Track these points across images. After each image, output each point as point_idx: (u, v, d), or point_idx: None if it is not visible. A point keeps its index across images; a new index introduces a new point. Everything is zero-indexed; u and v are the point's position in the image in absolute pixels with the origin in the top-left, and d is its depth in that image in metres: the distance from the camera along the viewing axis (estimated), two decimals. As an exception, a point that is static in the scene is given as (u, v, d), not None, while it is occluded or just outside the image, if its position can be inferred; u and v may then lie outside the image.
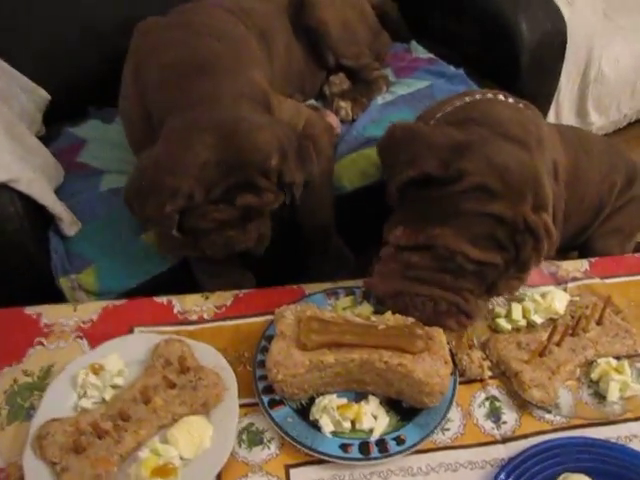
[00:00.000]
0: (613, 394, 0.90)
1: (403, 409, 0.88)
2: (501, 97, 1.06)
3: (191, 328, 1.01)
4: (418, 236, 0.89)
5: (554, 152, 1.02)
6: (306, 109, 1.42)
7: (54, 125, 1.57)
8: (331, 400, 0.87)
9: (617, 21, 2.31)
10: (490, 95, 1.06)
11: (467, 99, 1.06)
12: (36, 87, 1.50)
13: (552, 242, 0.89)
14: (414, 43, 1.87)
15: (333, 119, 1.53)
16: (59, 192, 1.30)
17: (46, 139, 1.47)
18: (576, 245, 1.38)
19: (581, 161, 1.21)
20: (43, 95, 1.52)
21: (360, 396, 0.89)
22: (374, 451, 0.83)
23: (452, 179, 0.87)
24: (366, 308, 0.99)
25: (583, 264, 1.14)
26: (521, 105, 1.05)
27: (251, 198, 1.03)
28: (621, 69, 2.27)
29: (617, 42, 2.26)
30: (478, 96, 1.06)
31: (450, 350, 0.91)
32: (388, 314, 0.92)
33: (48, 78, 1.54)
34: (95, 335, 0.98)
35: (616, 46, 2.25)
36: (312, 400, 0.88)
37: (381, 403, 0.89)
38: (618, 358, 0.95)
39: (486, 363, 0.94)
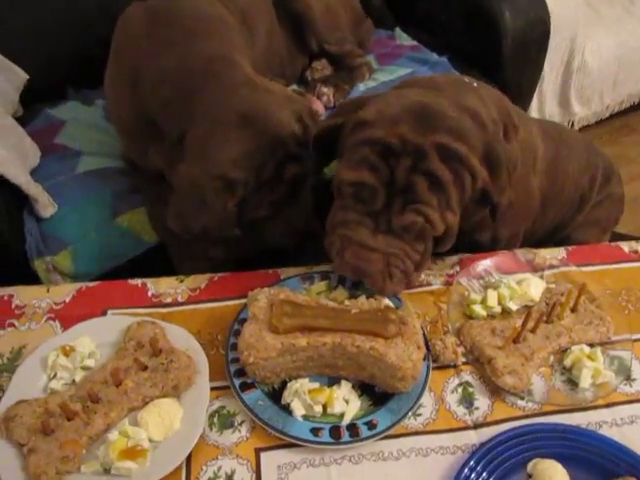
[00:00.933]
0: (585, 381, 0.90)
1: (376, 394, 0.88)
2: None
3: (165, 310, 1.00)
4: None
5: (502, 114, 1.01)
6: (293, 94, 1.41)
7: (33, 106, 1.55)
8: (303, 384, 0.86)
9: (600, 12, 2.33)
10: None
11: None
12: (12, 66, 1.47)
13: (472, 172, 0.86)
14: (398, 30, 1.87)
15: (319, 105, 1.52)
16: (35, 173, 1.29)
17: (24, 120, 1.46)
18: (557, 240, 1.38)
19: (561, 153, 1.21)
20: (20, 74, 1.49)
21: (333, 381, 0.89)
22: (345, 435, 0.82)
23: (342, 125, 0.92)
24: (341, 293, 0.98)
25: (560, 252, 1.14)
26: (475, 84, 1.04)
27: (296, 168, 1.05)
28: (604, 60, 2.29)
29: (600, 33, 2.28)
30: None
31: (424, 335, 0.91)
32: (362, 299, 0.91)
33: (28, 59, 1.53)
34: (68, 317, 0.97)
35: (599, 37, 2.27)
36: (284, 384, 0.88)
37: (354, 387, 0.88)
38: (591, 345, 0.95)
39: (460, 349, 0.93)
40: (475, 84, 1.03)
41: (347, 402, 0.86)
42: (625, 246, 1.17)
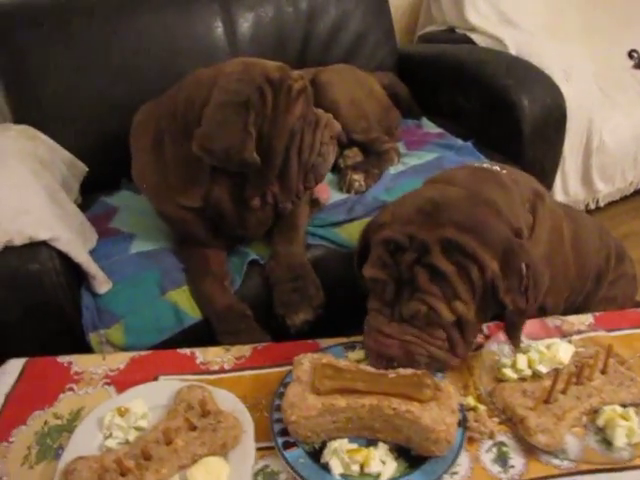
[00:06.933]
0: (620, 439, 0.91)
1: (412, 457, 0.90)
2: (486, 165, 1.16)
3: (212, 377, 1.06)
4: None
5: (527, 188, 1.11)
6: None
7: (90, 195, 1.70)
8: (342, 443, 0.90)
9: (613, 97, 2.41)
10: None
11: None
12: (75, 160, 1.64)
13: (480, 264, 0.93)
14: (425, 119, 2.00)
15: (323, 193, 1.61)
16: (93, 253, 1.39)
17: (82, 207, 1.58)
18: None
19: (579, 232, 1.28)
20: (81, 167, 1.66)
21: (371, 442, 0.92)
22: (380, 495, 0.85)
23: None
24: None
25: (588, 318, 1.17)
26: (505, 171, 1.14)
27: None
28: (621, 140, 2.35)
29: (616, 115, 2.35)
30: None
31: (461, 405, 0.94)
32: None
33: (86, 153, 1.69)
34: (122, 382, 1.04)
35: (615, 118, 2.34)
36: (325, 444, 0.91)
37: (390, 450, 0.91)
38: (624, 406, 0.96)
39: (492, 422, 0.95)
40: (499, 168, 1.12)
41: (384, 463, 0.88)
42: (652, 311, 1.20)
